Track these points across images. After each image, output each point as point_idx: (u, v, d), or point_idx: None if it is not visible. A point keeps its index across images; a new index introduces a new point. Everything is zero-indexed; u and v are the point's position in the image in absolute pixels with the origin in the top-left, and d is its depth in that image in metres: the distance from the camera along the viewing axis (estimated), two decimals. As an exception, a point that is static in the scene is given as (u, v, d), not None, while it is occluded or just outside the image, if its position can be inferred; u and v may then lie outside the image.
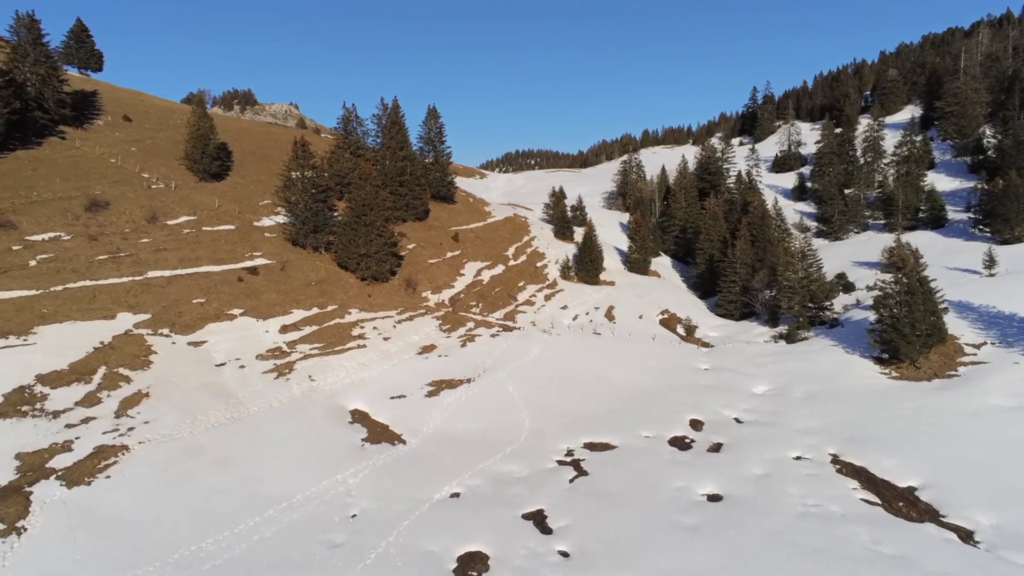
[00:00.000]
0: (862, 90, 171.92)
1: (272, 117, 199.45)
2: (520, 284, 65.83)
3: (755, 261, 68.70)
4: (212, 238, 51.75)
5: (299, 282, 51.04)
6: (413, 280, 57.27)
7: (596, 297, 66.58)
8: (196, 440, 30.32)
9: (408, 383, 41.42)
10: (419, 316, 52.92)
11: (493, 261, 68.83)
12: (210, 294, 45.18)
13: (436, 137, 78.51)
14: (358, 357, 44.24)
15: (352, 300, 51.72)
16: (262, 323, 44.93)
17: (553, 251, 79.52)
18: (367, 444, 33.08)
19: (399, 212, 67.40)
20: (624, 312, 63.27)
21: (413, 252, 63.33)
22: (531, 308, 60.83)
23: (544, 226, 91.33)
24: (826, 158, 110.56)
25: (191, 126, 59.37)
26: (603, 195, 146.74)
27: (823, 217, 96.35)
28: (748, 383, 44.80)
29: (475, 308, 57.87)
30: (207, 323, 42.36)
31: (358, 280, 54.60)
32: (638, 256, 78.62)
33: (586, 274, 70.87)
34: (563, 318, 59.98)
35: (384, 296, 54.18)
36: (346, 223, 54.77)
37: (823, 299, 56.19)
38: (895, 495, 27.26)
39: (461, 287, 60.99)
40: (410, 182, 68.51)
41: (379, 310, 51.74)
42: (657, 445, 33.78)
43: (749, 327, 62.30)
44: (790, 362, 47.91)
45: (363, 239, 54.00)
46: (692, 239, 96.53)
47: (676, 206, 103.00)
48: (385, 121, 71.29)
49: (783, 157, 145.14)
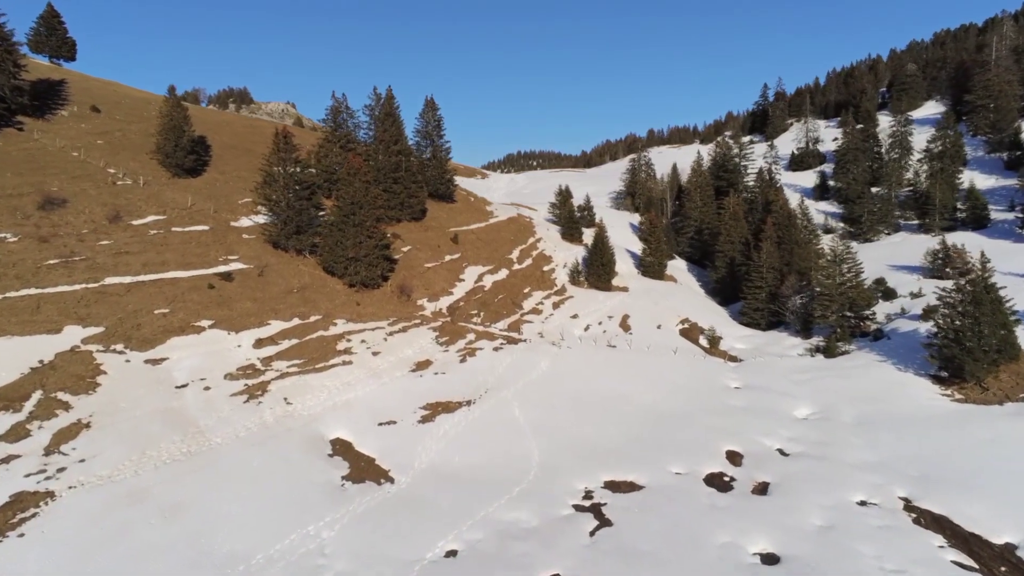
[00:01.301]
0: (877, 86, 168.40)
1: (268, 116, 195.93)
2: (526, 290, 61.35)
3: (782, 265, 64.13)
4: (182, 240, 47.42)
5: (279, 289, 46.64)
6: (407, 286, 52.86)
7: (609, 304, 62.06)
8: (141, 482, 25.87)
9: (399, 406, 36.98)
10: (413, 327, 48.47)
11: (496, 265, 64.38)
12: (176, 303, 40.79)
13: (434, 131, 74.14)
14: (343, 375, 39.81)
15: (338, 309, 47.29)
16: (234, 336, 40.53)
17: (561, 254, 75.06)
18: (348, 483, 28.64)
19: (393, 212, 63.04)
20: (640, 321, 58.74)
21: (408, 255, 58.91)
22: (538, 317, 56.33)
23: (550, 227, 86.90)
24: (850, 155, 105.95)
25: (163, 117, 55.16)
26: (610, 195, 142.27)
27: (849, 217, 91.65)
28: (787, 405, 40.26)
29: (476, 318, 53.40)
30: (170, 337, 37.98)
31: (345, 287, 50.19)
32: (653, 259, 74.08)
33: (597, 279, 66.39)
34: (574, 328, 55.47)
35: (374, 304, 49.75)
36: (332, 223, 50.40)
37: (864, 308, 51.58)
38: (992, 556, 22.69)
39: (461, 294, 56.55)
40: (405, 179, 64.17)
41: (368, 320, 47.31)
42: (691, 484, 29.25)
43: (779, 338, 57.73)
44: (832, 380, 43.36)
45: (351, 241, 49.60)
46: (709, 241, 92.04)
47: (691, 206, 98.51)
48: (378, 112, 66.96)
49: (800, 155, 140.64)
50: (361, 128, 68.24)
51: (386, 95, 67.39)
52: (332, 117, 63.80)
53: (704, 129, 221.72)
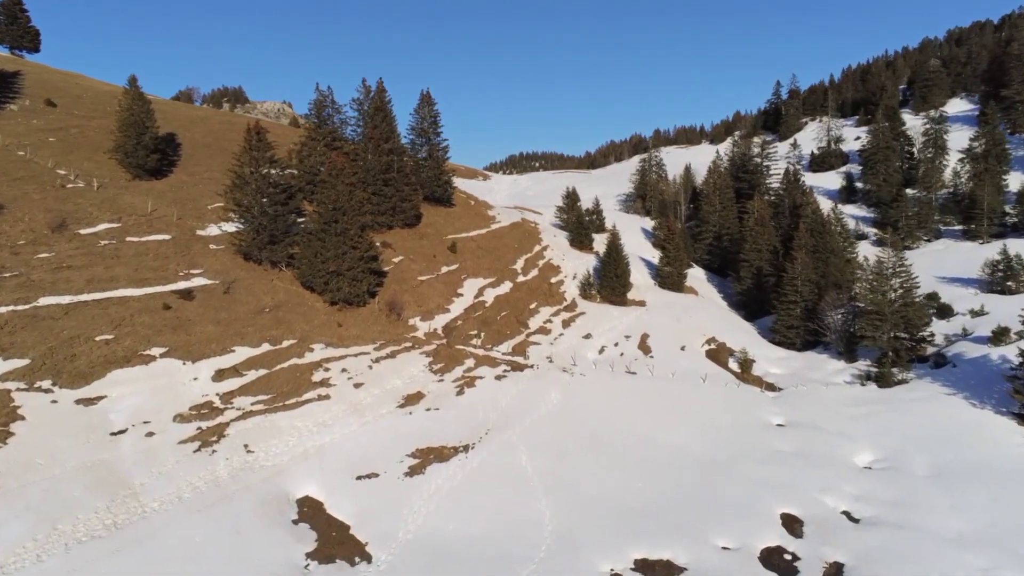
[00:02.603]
0: (897, 83, 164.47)
1: (264, 115, 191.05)
2: (532, 306, 56.01)
3: (818, 277, 58.75)
4: (138, 251, 42.23)
5: (248, 309, 41.37)
6: (397, 303, 47.58)
7: (625, 321, 56.70)
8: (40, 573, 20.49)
9: (383, 452, 31.68)
10: (403, 351, 43.16)
11: (498, 277, 59.08)
12: (122, 328, 35.55)
13: (430, 127, 68.93)
14: (318, 413, 34.49)
15: (316, 332, 42.00)
16: (190, 367, 35.24)
17: (570, 263, 69.76)
18: (313, 564, 23.35)
19: (383, 217, 57.83)
20: (662, 341, 53.36)
21: (399, 267, 53.64)
22: (546, 338, 50.97)
23: (557, 233, 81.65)
24: (880, 154, 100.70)
25: (123, 111, 50.06)
26: (617, 197, 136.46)
27: (883, 222, 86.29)
28: (844, 448, 34.87)
29: (476, 339, 48.08)
30: (111, 369, 32.72)
31: (326, 304, 44.93)
32: (672, 270, 68.75)
33: (611, 292, 61.08)
34: (587, 350, 50.12)
35: (359, 325, 44.45)
36: (311, 232, 45.18)
37: (920, 328, 46.15)
38: None
39: (458, 311, 51.24)
40: (397, 181, 58.99)
41: (351, 345, 41.99)
42: (744, 565, 23.88)
43: (818, 361, 52.29)
44: (893, 416, 37.94)
45: (333, 252, 44.36)
46: (730, 247, 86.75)
47: (708, 209, 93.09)
48: (367, 107, 61.82)
49: (822, 154, 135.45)
50: (349, 125, 63.19)
51: (376, 88, 62.27)
52: (316, 112, 58.67)
53: (712, 129, 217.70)
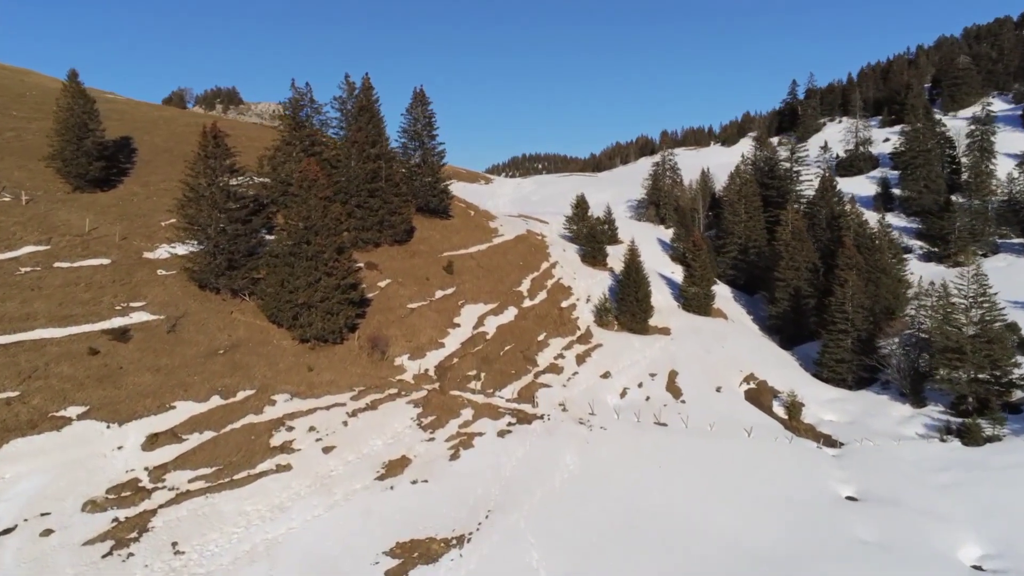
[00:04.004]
0: (922, 81, 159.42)
1: (258, 117, 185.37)
2: (540, 337, 49.49)
3: (872, 303, 52.17)
4: (66, 280, 35.95)
5: (197, 351, 34.99)
6: (381, 339, 41.16)
7: (649, 355, 50.16)
8: None
9: (353, 550, 25.29)
10: (387, 401, 36.72)
11: (501, 302, 52.60)
12: (32, 381, 29.28)
13: (424, 130, 62.62)
14: (274, 492, 28.09)
15: (281, 378, 35.57)
16: (115, 432, 28.89)
17: (582, 282, 63.27)
18: None
19: (368, 233, 51.51)
20: (693, 380, 46.81)
21: (386, 293, 47.22)
22: (558, 378, 44.42)
23: (567, 246, 75.20)
24: (920, 158, 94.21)
25: (60, 111, 43.90)
26: (628, 203, 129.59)
27: (928, 234, 79.82)
28: (940, 535, 28.30)
29: (475, 381, 41.60)
30: (9, 439, 26.52)
31: (294, 343, 38.54)
32: (698, 290, 62.20)
33: (631, 318, 54.57)
34: (606, 394, 43.60)
35: (334, 368, 38.01)
36: (278, 255, 38.82)
37: (1007, 368, 39.51)
38: None
39: (454, 346, 44.77)
40: (385, 191, 52.68)
41: (323, 394, 35.55)
42: None
43: (878, 404, 45.66)
44: (993, 489, 31.36)
45: (303, 280, 37.99)
46: (758, 262, 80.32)
47: (732, 219, 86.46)
48: (351, 107, 55.56)
49: (850, 158, 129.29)
50: (331, 127, 57.00)
51: (362, 85, 56.01)
52: (291, 112, 52.38)
53: (722, 130, 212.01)
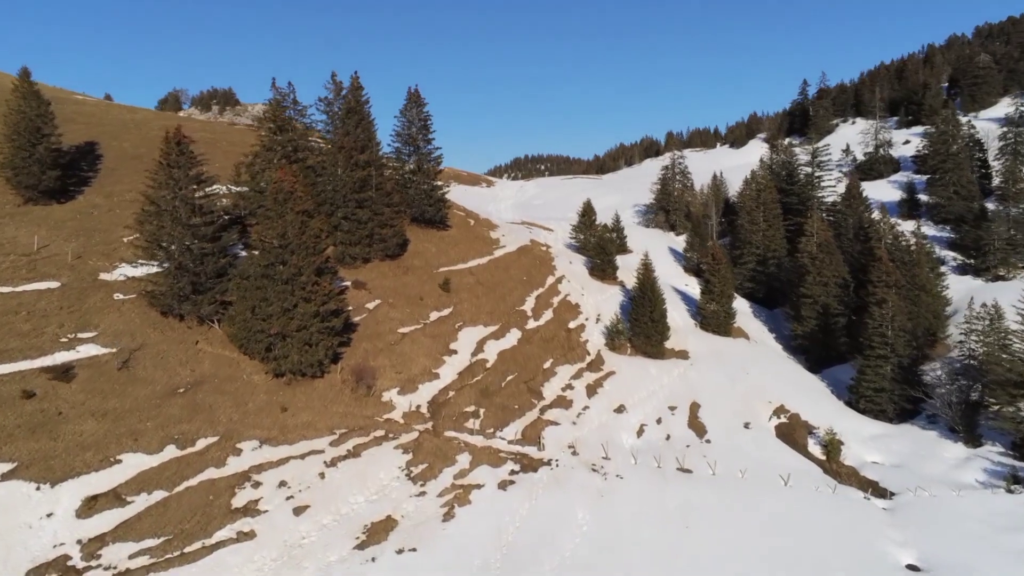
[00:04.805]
0: (939, 80, 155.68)
1: (253, 119, 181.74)
2: (546, 364, 45.24)
3: (914, 325, 47.86)
4: (5, 308, 31.98)
5: (153, 390, 30.85)
6: (368, 371, 36.98)
7: (667, 384, 45.89)
8: None
9: (323, 649, 20.98)
10: (372, 445, 32.53)
11: (503, 323, 48.36)
12: (-52, 434, 25.06)
13: (419, 133, 58.43)
14: (233, 568, 23.94)
15: (250, 421, 31.39)
16: (46, 494, 24.76)
17: (591, 299, 58.97)
18: None
19: (356, 248, 47.39)
20: (717, 414, 42.53)
21: (374, 316, 43.03)
22: (566, 413, 40.14)
23: (573, 258, 70.95)
24: (950, 161, 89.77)
25: (11, 113, 39.92)
26: (635, 208, 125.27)
27: (962, 244, 75.33)
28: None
29: (473, 418, 37.38)
30: (-91, 511, 22.23)
31: (268, 377, 34.38)
32: (718, 308, 57.87)
33: (646, 341, 50.29)
34: (621, 432, 39.35)
35: (312, 407, 33.79)
36: (248, 277, 34.66)
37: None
38: None
39: (450, 376, 40.54)
40: (375, 201, 48.57)
41: (298, 439, 31.34)
42: None
43: (927, 442, 41.35)
44: (1082, 560, 26.92)
45: (277, 306, 33.85)
46: (778, 274, 75.98)
47: (750, 228, 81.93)
48: (338, 108, 51.41)
49: (869, 161, 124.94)
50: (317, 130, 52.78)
51: (351, 84, 51.84)
52: (272, 115, 48.24)
53: (728, 131, 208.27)
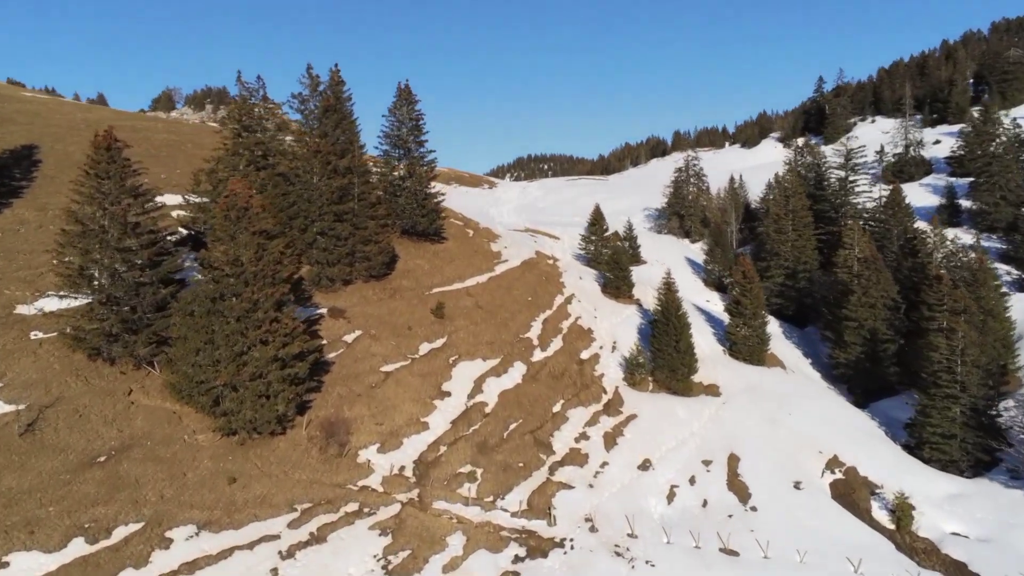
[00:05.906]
0: (964, 77, 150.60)
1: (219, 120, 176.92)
2: (556, 408, 39.22)
3: (987, 360, 41.73)
4: None
5: (65, 461, 24.96)
6: (341, 424, 31.04)
7: (697, 429, 39.80)
8: None
9: None
10: (342, 526, 26.52)
11: (505, 355, 42.38)
12: None
13: (410, 134, 52.52)
14: None
15: (188, 498, 25.43)
16: None
17: (604, 322, 52.94)
18: None
19: (335, 269, 41.56)
20: (761, 470, 36.40)
21: (353, 351, 37.07)
22: (581, 473, 34.05)
23: (583, 272, 64.97)
24: (995, 163, 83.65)
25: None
26: (645, 212, 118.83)
27: (1016, 256, 69.25)
28: None
29: (468, 483, 31.34)
30: None
31: (215, 436, 28.47)
32: (749, 332, 51.78)
33: (671, 375, 44.29)
34: (648, 497, 33.25)
35: (269, 475, 27.82)
36: (192, 314, 28.74)
37: None
38: None
39: (442, 426, 34.51)
40: (358, 213, 42.71)
41: (248, 520, 25.36)
42: None
43: (1013, 504, 35.23)
44: None
45: (226, 349, 27.90)
46: (810, 289, 69.84)
47: (777, 237, 75.53)
48: (314, 106, 45.55)
49: (899, 163, 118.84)
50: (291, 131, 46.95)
51: (330, 79, 46.00)
52: (237, 114, 42.39)
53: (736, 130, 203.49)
